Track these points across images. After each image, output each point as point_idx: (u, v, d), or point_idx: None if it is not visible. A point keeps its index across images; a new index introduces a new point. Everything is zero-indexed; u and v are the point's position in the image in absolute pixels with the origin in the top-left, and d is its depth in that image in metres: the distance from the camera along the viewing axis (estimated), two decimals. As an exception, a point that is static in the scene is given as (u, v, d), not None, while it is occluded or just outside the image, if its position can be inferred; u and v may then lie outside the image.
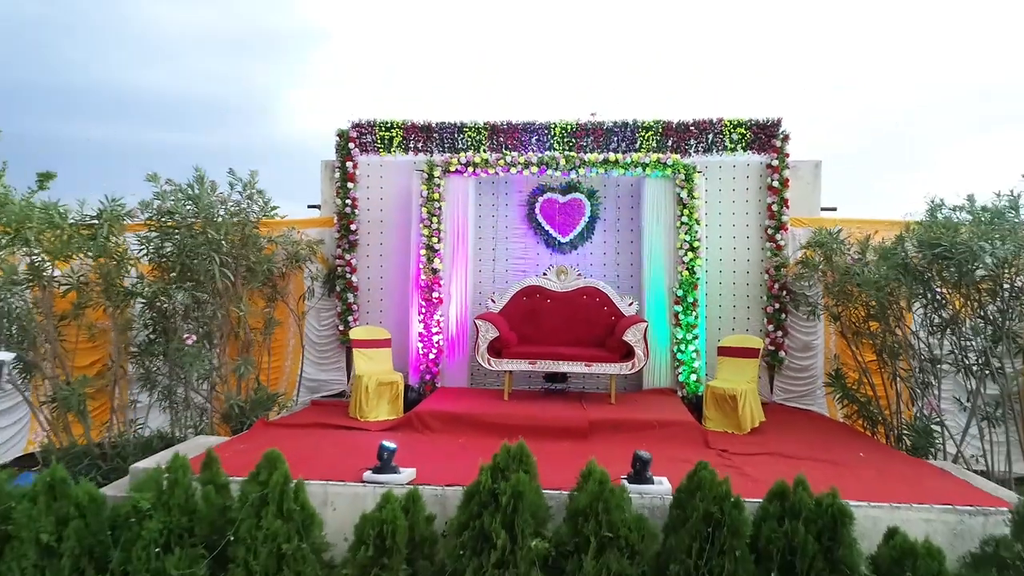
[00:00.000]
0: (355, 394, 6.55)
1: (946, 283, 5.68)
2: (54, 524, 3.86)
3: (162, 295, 6.43)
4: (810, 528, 3.54)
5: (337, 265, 7.62)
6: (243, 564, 3.71)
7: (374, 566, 3.67)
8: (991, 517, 4.02)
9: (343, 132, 7.64)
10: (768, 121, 7.34)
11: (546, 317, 7.02)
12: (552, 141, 7.47)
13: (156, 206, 6.06)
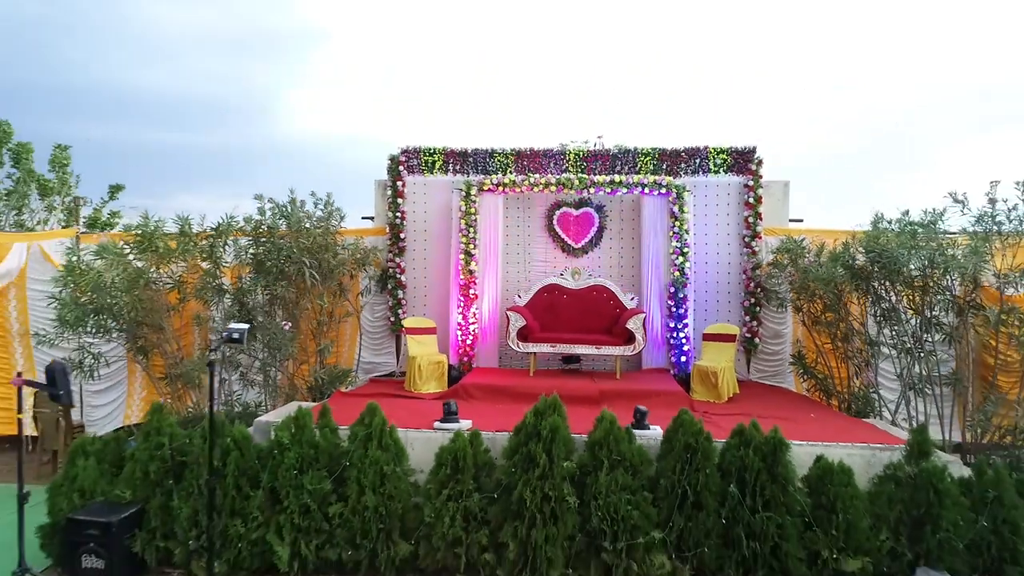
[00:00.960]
0: (409, 371, 7.98)
1: (883, 281, 7.09)
2: (218, 454, 5.32)
3: (250, 292, 7.90)
4: (757, 453, 4.96)
5: (389, 267, 9.05)
6: (356, 481, 5.15)
7: (451, 481, 5.10)
8: (895, 452, 5.42)
9: (394, 157, 9.07)
10: (745, 148, 8.75)
11: (563, 309, 8.46)
12: (567, 164, 8.89)
13: (256, 221, 7.50)
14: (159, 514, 5.25)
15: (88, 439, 5.78)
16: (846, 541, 4.81)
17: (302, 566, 5.09)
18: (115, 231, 14.07)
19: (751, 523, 4.83)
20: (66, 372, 4.55)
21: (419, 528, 5.11)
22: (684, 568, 4.91)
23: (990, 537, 4.80)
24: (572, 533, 4.90)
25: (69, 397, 4.62)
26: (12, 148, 13.28)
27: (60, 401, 4.59)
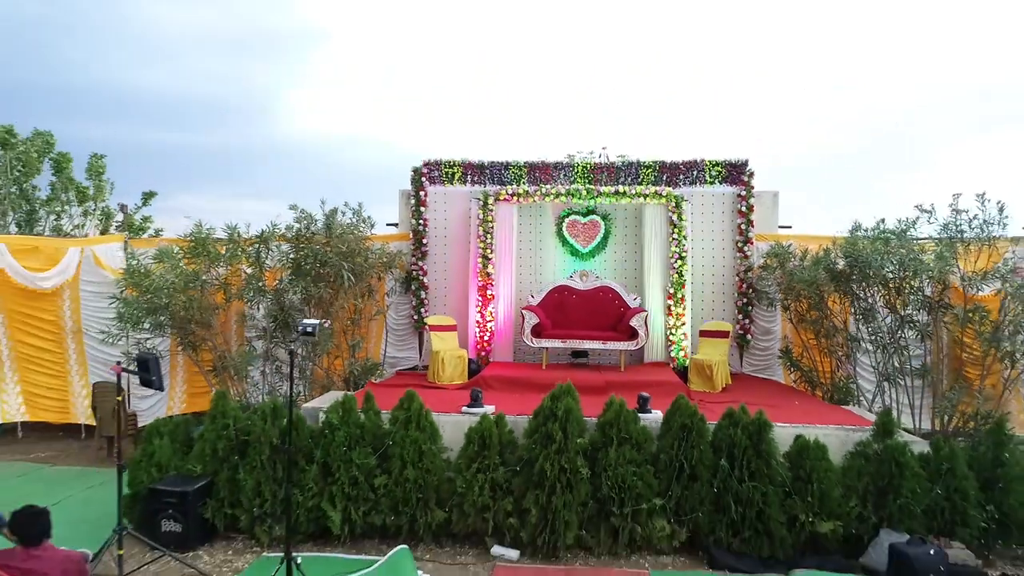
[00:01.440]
0: (432, 364, 8.74)
1: (860, 283, 7.85)
2: (278, 433, 6.09)
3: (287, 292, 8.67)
4: (744, 432, 5.72)
5: (412, 270, 9.82)
6: (398, 457, 5.92)
7: (479, 456, 5.87)
8: (865, 432, 6.18)
9: (417, 169, 9.84)
10: (739, 161, 9.52)
11: (572, 308, 9.23)
12: (575, 176, 9.65)
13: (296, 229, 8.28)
14: (226, 486, 6.02)
15: (162, 421, 6.56)
16: (820, 507, 5.57)
17: (351, 530, 5.87)
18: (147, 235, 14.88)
19: (739, 492, 5.59)
20: (158, 361, 5.32)
21: (452, 497, 5.88)
22: (681, 531, 5.69)
23: (944, 503, 5.56)
24: (585, 500, 5.67)
25: (160, 383, 5.39)
26: (53, 157, 14.04)
27: (152, 387, 5.36)
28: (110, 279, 9.88)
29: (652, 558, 5.71)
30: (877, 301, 7.95)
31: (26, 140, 13.67)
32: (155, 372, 5.31)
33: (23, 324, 9.73)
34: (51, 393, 9.94)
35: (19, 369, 9.81)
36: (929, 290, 7.77)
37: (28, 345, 9.80)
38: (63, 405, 9.98)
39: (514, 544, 5.78)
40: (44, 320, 9.82)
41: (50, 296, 9.73)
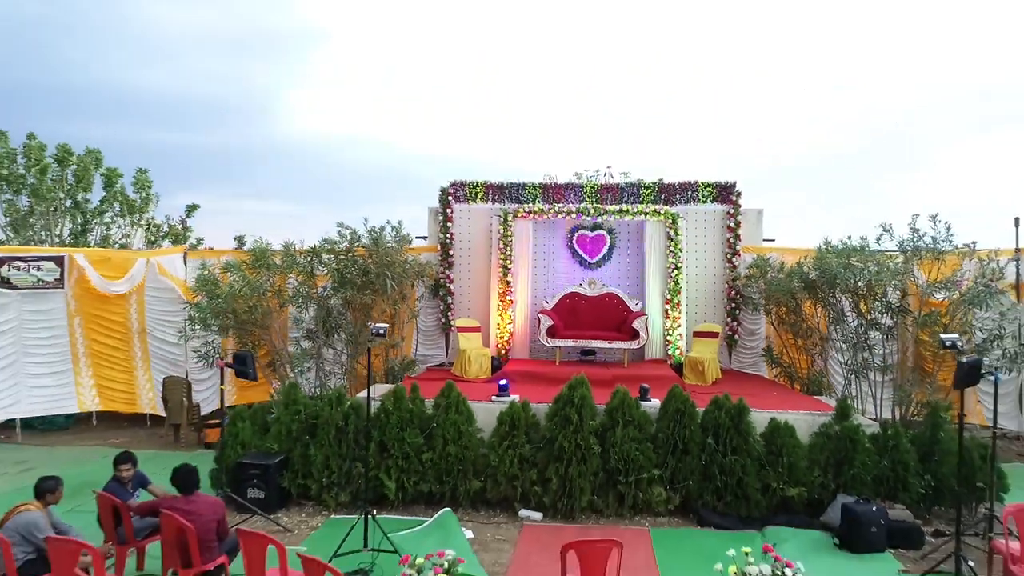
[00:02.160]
0: (459, 361, 9.93)
1: (828, 291, 9.03)
2: (341, 416, 7.29)
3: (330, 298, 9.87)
4: (727, 415, 6.92)
5: (440, 278, 11.02)
6: (441, 436, 7.12)
7: (508, 435, 7.06)
8: (828, 417, 7.37)
9: (444, 189, 11.03)
10: (728, 183, 10.71)
11: (582, 312, 10.43)
12: (584, 195, 10.84)
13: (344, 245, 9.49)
14: (299, 460, 7.23)
15: (243, 408, 7.76)
16: (789, 476, 6.77)
17: (403, 496, 7.07)
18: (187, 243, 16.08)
19: (723, 464, 6.79)
20: (253, 357, 6.53)
21: (486, 469, 7.08)
22: (675, 496, 6.89)
23: (889, 473, 6.75)
24: (596, 471, 6.87)
25: (255, 375, 6.60)
26: (103, 172, 15.23)
27: (248, 378, 6.58)
28: (171, 286, 11.10)
29: (651, 519, 6.90)
30: (846, 306, 9.13)
31: (80, 157, 14.86)
32: (251, 366, 6.52)
33: (96, 325, 10.94)
34: (120, 386, 11.14)
35: (92, 364, 11.02)
36: (891, 297, 8.94)
37: (100, 343, 11.00)
38: (130, 397, 11.18)
39: (538, 508, 6.98)
40: (114, 322, 11.02)
41: (119, 300, 10.94)
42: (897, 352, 9.35)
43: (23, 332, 10.49)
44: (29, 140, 14.46)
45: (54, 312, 10.64)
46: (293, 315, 10.12)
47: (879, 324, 9.03)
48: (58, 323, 10.71)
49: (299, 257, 9.51)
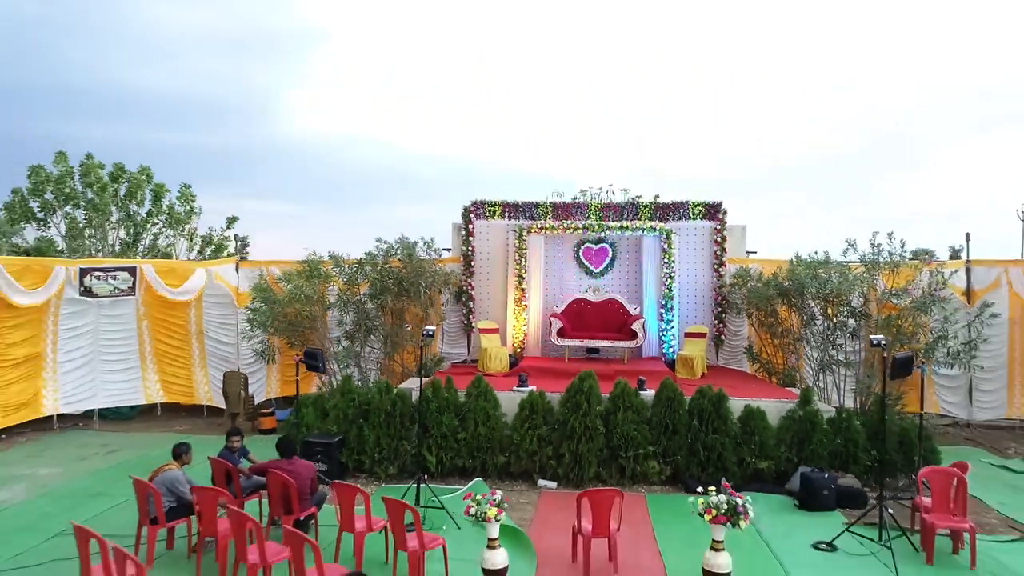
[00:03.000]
0: (482, 358, 11.30)
1: (799, 298, 10.40)
2: (390, 403, 8.69)
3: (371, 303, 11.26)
4: (709, 401, 8.30)
5: (463, 285, 12.41)
6: (472, 419, 8.52)
7: (528, 418, 8.45)
8: (793, 403, 8.75)
9: (467, 207, 12.42)
10: (716, 203, 12.09)
11: (587, 315, 11.82)
12: (589, 213, 12.23)
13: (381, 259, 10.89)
14: (355, 439, 8.62)
15: (307, 396, 9.17)
16: (760, 452, 8.16)
17: (442, 469, 8.45)
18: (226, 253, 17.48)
19: (705, 442, 8.17)
20: (322, 354, 7.92)
21: (510, 447, 8.46)
22: (666, 468, 8.27)
23: (841, 449, 8.13)
24: (601, 447, 8.26)
25: (325, 368, 7.99)
26: (152, 188, 16.63)
27: (317, 371, 7.97)
28: (227, 292, 12.52)
29: (647, 487, 8.28)
30: (816, 311, 10.51)
31: (133, 174, 16.27)
32: (320, 360, 7.94)
33: (161, 327, 12.35)
34: (180, 381, 12.57)
35: (157, 362, 12.44)
36: (855, 302, 10.32)
37: (164, 343, 12.42)
38: (189, 390, 12.60)
39: (553, 478, 8.37)
40: (176, 324, 12.44)
41: (181, 305, 12.35)
42: (860, 350, 10.71)
43: (99, 334, 11.91)
44: (87, 160, 15.91)
45: (126, 316, 12.06)
46: (336, 318, 11.52)
47: (845, 326, 10.42)
48: (129, 326, 12.13)
49: (346, 267, 10.90)
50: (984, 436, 11.18)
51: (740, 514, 4.83)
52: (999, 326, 11.20)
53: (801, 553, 6.38)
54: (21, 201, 15.37)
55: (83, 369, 11.75)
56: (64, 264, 11.27)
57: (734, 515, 4.82)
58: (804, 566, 6.07)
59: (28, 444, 10.54)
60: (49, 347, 11.34)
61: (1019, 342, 11.32)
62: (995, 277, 11.44)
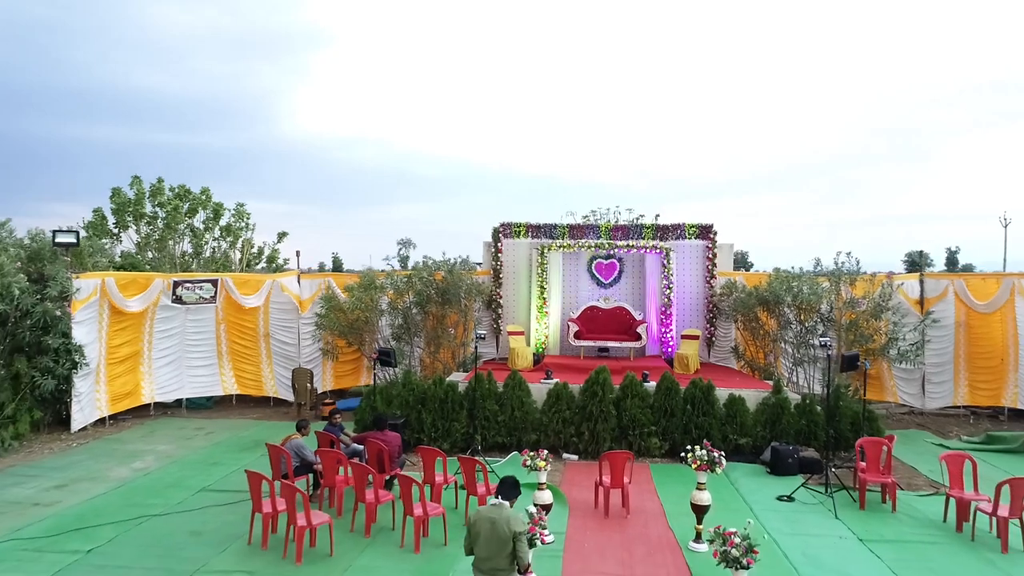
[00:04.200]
0: (510, 356, 13.25)
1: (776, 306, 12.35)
2: (442, 392, 10.67)
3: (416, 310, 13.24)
4: (700, 390, 10.27)
5: (492, 295, 14.37)
6: (510, 405, 10.50)
7: (555, 404, 10.44)
8: (768, 392, 10.70)
9: (496, 228, 14.39)
10: (707, 225, 14.06)
11: (599, 320, 13.79)
12: (600, 233, 14.19)
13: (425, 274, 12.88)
14: (415, 421, 10.58)
15: (371, 387, 11.14)
16: (740, 430, 10.11)
17: (484, 445, 10.42)
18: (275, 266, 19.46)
19: (697, 423, 10.12)
20: (394, 352, 9.90)
21: (540, 427, 10.43)
22: (665, 444, 10.22)
23: (804, 428, 10.08)
24: (614, 427, 10.21)
25: (396, 363, 9.97)
26: (211, 206, 18.62)
27: (391, 366, 9.93)
28: (290, 299, 14.50)
29: (650, 459, 10.22)
30: (791, 317, 12.46)
31: (197, 195, 18.27)
32: (393, 358, 9.91)
33: (235, 329, 14.32)
34: (250, 375, 14.54)
35: (232, 359, 14.42)
36: (823, 309, 12.27)
37: (237, 343, 14.39)
38: (258, 383, 14.57)
39: (575, 452, 10.31)
40: (247, 327, 14.41)
41: (252, 311, 14.32)
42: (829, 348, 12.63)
43: (185, 335, 13.89)
44: (158, 183, 17.92)
45: (207, 321, 14.04)
46: (387, 322, 13.49)
47: (814, 329, 12.37)
48: (209, 328, 14.11)
49: (398, 280, 12.89)
50: (933, 421, 13.12)
51: (716, 463, 6.79)
52: (946, 328, 13.17)
53: (768, 503, 8.33)
54: (102, 220, 17.38)
55: (172, 365, 13.73)
56: (161, 277, 13.25)
57: (712, 463, 6.78)
58: (769, 511, 8.02)
59: (136, 427, 12.52)
60: (146, 346, 13.33)
61: (963, 342, 13.25)
62: (943, 288, 13.38)
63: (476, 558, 4.32)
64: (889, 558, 6.63)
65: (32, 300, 10.78)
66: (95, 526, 7.42)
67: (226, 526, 7.41)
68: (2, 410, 10.90)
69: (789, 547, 6.89)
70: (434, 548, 6.81)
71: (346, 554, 6.65)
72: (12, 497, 8.45)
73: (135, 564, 6.45)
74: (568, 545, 6.88)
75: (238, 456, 10.43)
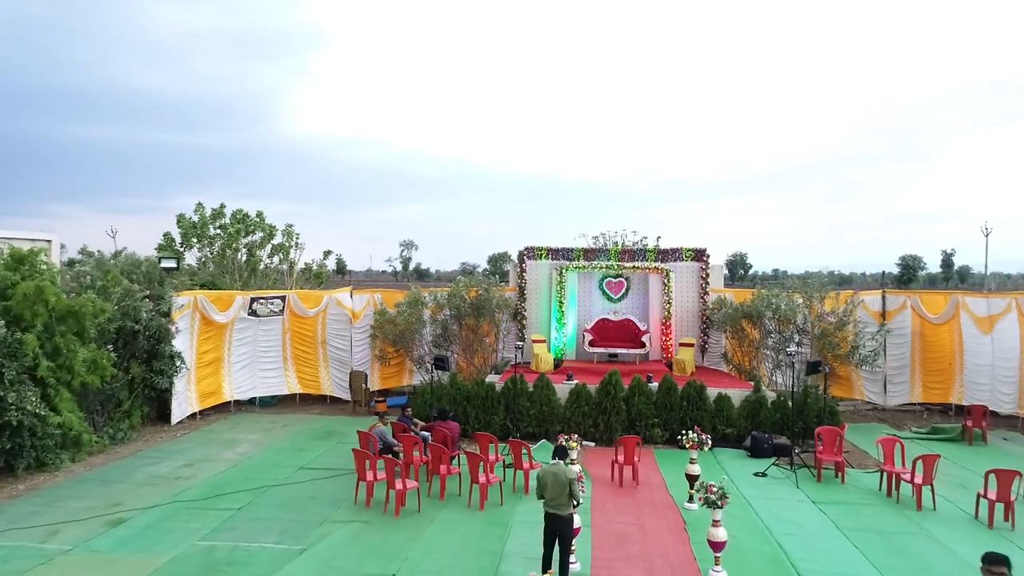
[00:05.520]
0: (534, 361, 15.45)
1: (760, 319, 14.53)
2: (483, 391, 12.88)
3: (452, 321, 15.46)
4: (694, 389, 12.45)
5: (518, 308, 16.57)
6: (539, 401, 12.72)
7: (575, 401, 12.64)
8: (749, 391, 12.88)
9: (521, 252, 16.60)
10: (701, 249, 16.25)
11: (610, 330, 15.99)
12: (610, 256, 16.37)
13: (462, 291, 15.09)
14: (461, 415, 12.79)
15: (431, 386, 13.35)
16: (727, 422, 12.30)
17: (519, 435, 12.62)
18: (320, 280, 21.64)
19: (692, 416, 12.30)
20: (448, 359, 12.11)
21: (563, 419, 12.62)
22: (665, 433, 12.39)
23: (779, 420, 12.26)
24: (624, 419, 12.40)
25: (449, 367, 12.18)
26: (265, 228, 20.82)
27: (445, 370, 12.14)
28: (344, 312, 16.71)
29: (653, 446, 12.39)
30: (771, 328, 14.65)
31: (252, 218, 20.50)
32: (447, 363, 12.13)
33: (297, 337, 16.52)
34: (310, 377, 16.73)
35: (295, 363, 16.62)
36: (798, 321, 14.45)
37: (299, 349, 16.60)
38: (316, 384, 16.76)
39: (592, 440, 12.49)
40: (307, 335, 16.61)
41: (311, 321, 16.53)
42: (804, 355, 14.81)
43: (257, 343, 16.10)
44: (219, 208, 20.16)
45: (275, 330, 16.25)
46: (429, 331, 15.71)
47: (791, 338, 14.56)
48: (276, 337, 16.31)
49: (439, 296, 15.12)
50: (892, 416, 15.28)
51: (703, 442, 9.00)
52: (904, 337, 15.34)
53: (747, 477, 10.50)
54: (170, 242, 19.63)
55: (247, 368, 15.94)
56: (241, 294, 15.48)
57: (700, 443, 8.99)
58: (747, 483, 10.19)
59: (221, 421, 14.73)
60: (226, 352, 15.53)
61: (918, 348, 15.40)
62: (902, 302, 15.55)
63: (546, 499, 6.51)
64: (832, 514, 8.82)
65: (150, 316, 13.00)
66: (231, 493, 9.63)
67: (332, 493, 9.62)
68: (120, 406, 13.12)
69: (760, 508, 9.08)
70: (494, 507, 9.02)
71: (428, 511, 8.85)
72: (156, 473, 10.67)
73: (276, 517, 8.66)
74: (594, 505, 9.08)
75: (317, 443, 12.64)
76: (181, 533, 8.11)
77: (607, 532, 8.17)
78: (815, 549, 7.71)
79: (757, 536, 8.10)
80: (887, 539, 8.00)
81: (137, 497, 9.44)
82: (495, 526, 8.37)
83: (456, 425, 10.60)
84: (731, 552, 7.16)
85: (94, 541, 7.88)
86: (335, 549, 7.65)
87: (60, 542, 7.82)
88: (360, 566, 7.20)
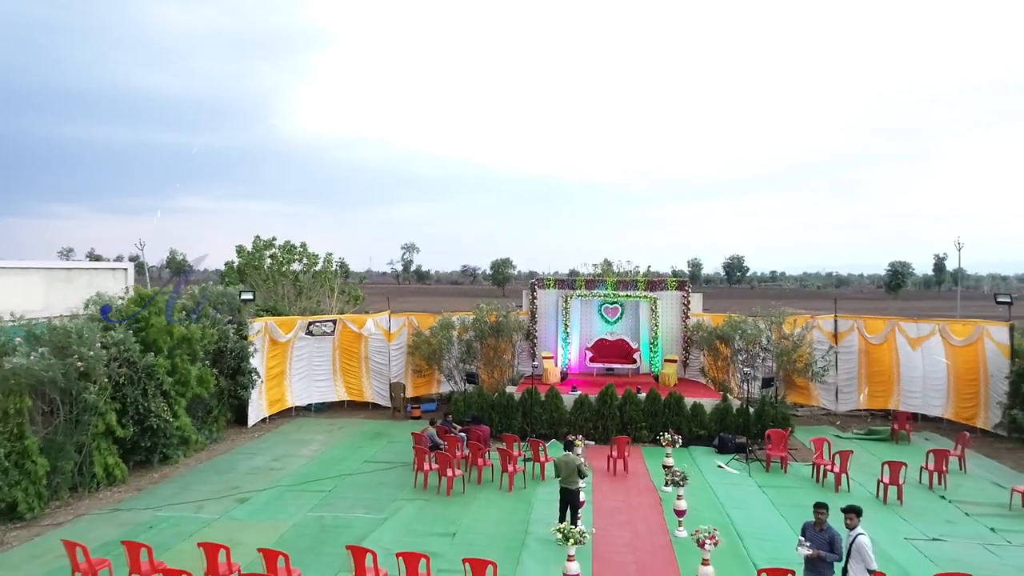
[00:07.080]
0: (544, 374, 18.29)
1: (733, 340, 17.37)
2: (505, 400, 15.74)
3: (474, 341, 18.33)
4: (674, 399, 15.30)
5: (530, 329, 19.43)
6: (549, 408, 15.59)
7: (579, 409, 15.51)
8: (720, 400, 15.76)
9: (532, 282, 19.46)
10: (683, 279, 19.10)
11: (607, 348, 18.85)
12: (607, 285, 19.23)
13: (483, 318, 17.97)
14: (486, 419, 15.65)
15: (464, 395, 16.22)
16: (700, 425, 15.13)
17: (534, 435, 15.47)
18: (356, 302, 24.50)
19: (672, 421, 15.12)
20: (477, 374, 14.97)
21: (569, 423, 15.48)
22: (651, 434, 15.25)
23: (742, 424, 15.11)
24: (617, 423, 15.24)
25: (479, 381, 15.04)
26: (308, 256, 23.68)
27: (475, 384, 15.01)
28: (380, 332, 19.57)
29: (641, 444, 15.20)
30: (740, 346, 17.49)
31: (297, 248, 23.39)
32: (476, 378, 15.00)
33: (345, 353, 19.35)
34: (355, 387, 19.58)
35: (342, 374, 19.48)
36: (763, 341, 17.29)
37: (346, 363, 19.44)
38: (360, 392, 19.57)
39: (592, 439, 15.31)
40: (353, 352, 19.45)
41: (357, 339, 19.39)
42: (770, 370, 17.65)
43: (312, 358, 18.96)
44: (271, 240, 23.06)
45: (326, 347, 19.10)
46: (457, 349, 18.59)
47: (758, 356, 17.42)
48: (327, 353, 19.15)
49: (466, 320, 18.00)
50: (841, 420, 18.13)
51: (675, 440, 11.88)
52: (852, 353, 18.16)
53: (712, 468, 13.30)
54: (231, 272, 22.53)
55: (304, 379, 18.80)
56: (302, 319, 18.37)
57: (673, 441, 11.87)
58: (711, 472, 13.01)
59: (286, 424, 17.57)
60: (288, 366, 18.40)
61: (864, 363, 18.20)
62: (850, 325, 18.40)
63: (561, 477, 9.36)
64: (771, 494, 11.66)
65: (235, 339, 15.88)
66: (318, 480, 12.48)
67: (396, 479, 12.47)
68: (211, 412, 15.98)
69: (718, 490, 11.89)
70: (519, 490, 11.87)
71: (471, 493, 11.70)
72: (254, 465, 13.51)
73: (359, 496, 11.51)
74: (594, 488, 11.91)
75: (371, 442, 15.49)
76: (293, 507, 10.96)
77: (604, 507, 11.01)
78: (753, 518, 10.55)
79: (712, 509, 10.94)
80: (805, 511, 10.78)
81: (248, 482, 12.29)
82: (522, 503, 11.22)
83: (487, 427, 13.48)
84: (690, 518, 9.97)
85: (233, 512, 10.73)
86: (409, 518, 10.50)
87: (209, 513, 10.68)
88: (430, 527, 10.05)
